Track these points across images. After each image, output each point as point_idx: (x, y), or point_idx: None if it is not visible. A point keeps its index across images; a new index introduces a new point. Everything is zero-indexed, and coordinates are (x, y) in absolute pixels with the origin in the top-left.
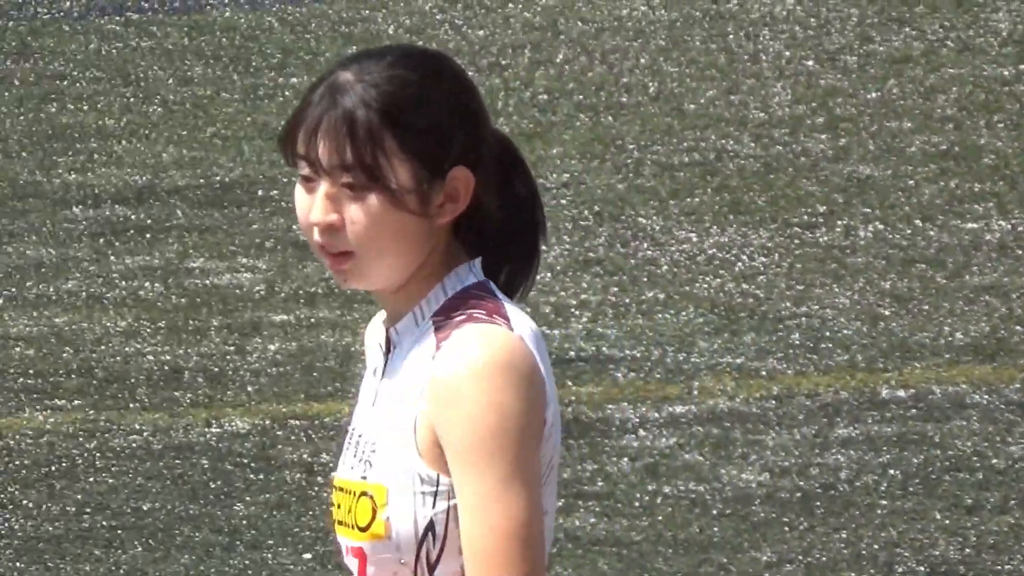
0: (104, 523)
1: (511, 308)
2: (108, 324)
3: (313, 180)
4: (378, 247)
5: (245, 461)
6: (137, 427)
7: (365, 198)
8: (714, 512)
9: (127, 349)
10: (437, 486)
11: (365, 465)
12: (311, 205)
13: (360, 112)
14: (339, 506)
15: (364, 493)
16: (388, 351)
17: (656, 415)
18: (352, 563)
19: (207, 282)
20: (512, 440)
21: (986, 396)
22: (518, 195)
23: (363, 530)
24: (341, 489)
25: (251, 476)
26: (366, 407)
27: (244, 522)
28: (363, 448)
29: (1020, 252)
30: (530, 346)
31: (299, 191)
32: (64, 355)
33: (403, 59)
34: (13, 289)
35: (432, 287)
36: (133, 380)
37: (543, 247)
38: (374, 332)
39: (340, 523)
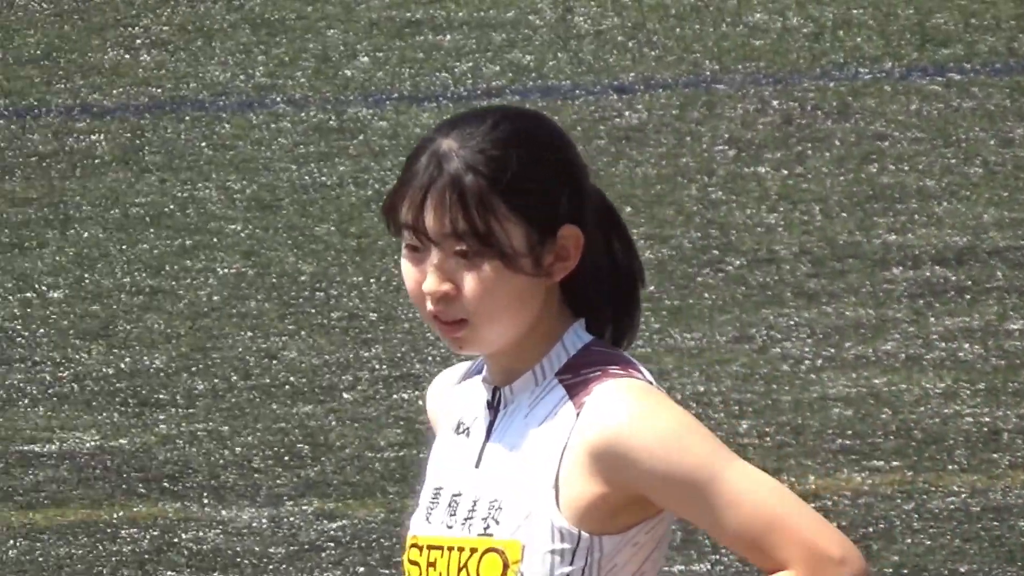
0: None
1: (638, 363)
2: (927, 385)
3: (420, 249)
4: (494, 312)
5: None
6: (955, 489)
7: (479, 265)
8: None
9: (946, 411)
10: (577, 543)
11: (484, 523)
12: (421, 275)
13: (468, 178)
14: (432, 564)
15: (491, 549)
16: (496, 410)
17: None
18: None
19: None
20: (707, 434)
21: None
22: (617, 247)
23: None
24: (432, 547)
25: None
26: (463, 467)
27: None
28: (474, 507)
29: None
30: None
31: (405, 261)
32: (882, 416)
33: (503, 121)
34: (832, 350)
35: (550, 346)
36: (951, 442)
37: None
38: (450, 393)
39: None
